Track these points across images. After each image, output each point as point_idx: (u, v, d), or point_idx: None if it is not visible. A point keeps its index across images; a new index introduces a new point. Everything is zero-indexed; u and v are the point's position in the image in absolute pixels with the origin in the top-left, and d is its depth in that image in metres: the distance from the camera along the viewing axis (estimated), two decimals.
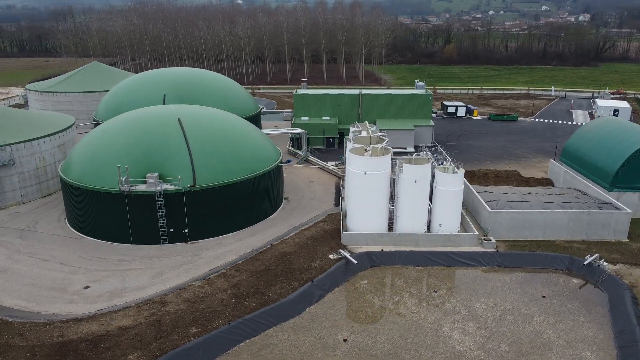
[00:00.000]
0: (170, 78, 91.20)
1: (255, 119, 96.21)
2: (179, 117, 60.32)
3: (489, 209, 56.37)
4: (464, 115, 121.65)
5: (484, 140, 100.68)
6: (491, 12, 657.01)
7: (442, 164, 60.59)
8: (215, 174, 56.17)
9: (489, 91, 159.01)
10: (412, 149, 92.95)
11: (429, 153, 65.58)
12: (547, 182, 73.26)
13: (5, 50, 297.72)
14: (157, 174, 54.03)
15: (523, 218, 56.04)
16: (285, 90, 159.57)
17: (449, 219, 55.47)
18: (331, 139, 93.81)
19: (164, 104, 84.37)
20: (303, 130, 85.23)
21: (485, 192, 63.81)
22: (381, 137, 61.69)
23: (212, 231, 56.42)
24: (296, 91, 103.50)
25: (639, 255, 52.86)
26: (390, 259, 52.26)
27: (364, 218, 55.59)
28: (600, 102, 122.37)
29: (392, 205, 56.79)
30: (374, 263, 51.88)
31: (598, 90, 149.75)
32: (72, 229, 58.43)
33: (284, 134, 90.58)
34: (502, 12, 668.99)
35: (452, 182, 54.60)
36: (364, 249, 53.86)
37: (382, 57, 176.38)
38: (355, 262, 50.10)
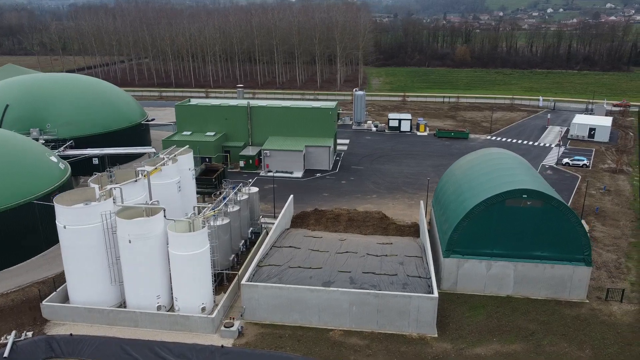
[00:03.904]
0: (26, 86, 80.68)
1: (133, 132, 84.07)
2: None
3: (242, 281, 41.03)
4: (408, 130, 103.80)
5: (402, 164, 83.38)
6: (549, 10, 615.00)
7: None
8: None
9: (468, 100, 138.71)
10: (300, 175, 77.83)
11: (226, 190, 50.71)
12: (411, 231, 56.27)
13: (25, 49, 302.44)
14: None
15: (288, 296, 40.29)
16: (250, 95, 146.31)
17: (186, 293, 40.64)
18: (207, 159, 79.59)
19: (3, 116, 74.24)
20: (151, 149, 71.85)
21: (291, 247, 48.32)
22: (142, 171, 47.54)
23: None
24: (189, 100, 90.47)
25: None
26: (77, 349, 38.14)
27: (77, 286, 41.83)
28: (576, 119, 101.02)
29: None
30: (52, 353, 38.01)
31: (591, 101, 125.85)
32: None
33: (126, 154, 75.15)
34: (561, 9, 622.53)
35: (188, 243, 39.69)
36: (63, 329, 40.13)
37: (358, 59, 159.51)
38: (6, 355, 36.42)
